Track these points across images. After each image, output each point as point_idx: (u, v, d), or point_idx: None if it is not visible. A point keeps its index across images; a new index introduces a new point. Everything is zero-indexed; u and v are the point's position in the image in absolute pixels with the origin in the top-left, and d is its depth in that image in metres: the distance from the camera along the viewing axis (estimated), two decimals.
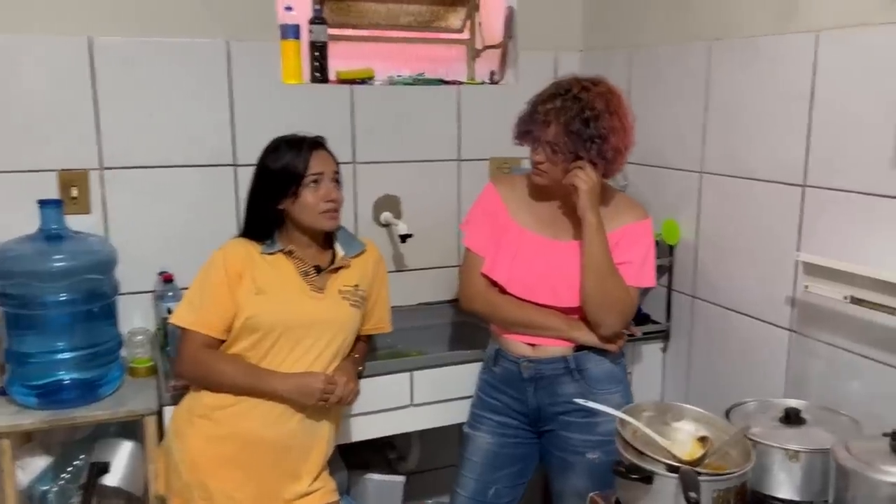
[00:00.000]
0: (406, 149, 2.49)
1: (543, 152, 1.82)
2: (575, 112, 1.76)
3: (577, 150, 1.77)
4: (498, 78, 2.63)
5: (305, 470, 1.75)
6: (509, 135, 2.56)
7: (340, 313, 1.79)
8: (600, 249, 1.79)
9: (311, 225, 1.77)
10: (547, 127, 1.79)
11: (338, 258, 1.83)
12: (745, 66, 1.97)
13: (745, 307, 2.03)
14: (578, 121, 1.76)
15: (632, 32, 2.41)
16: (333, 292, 1.80)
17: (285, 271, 1.77)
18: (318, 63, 2.37)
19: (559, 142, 1.78)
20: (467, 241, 1.97)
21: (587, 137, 1.76)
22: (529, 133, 1.84)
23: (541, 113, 1.80)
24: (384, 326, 1.97)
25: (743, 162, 2.00)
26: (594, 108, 1.77)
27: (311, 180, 1.73)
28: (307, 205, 1.74)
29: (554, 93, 1.82)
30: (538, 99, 1.85)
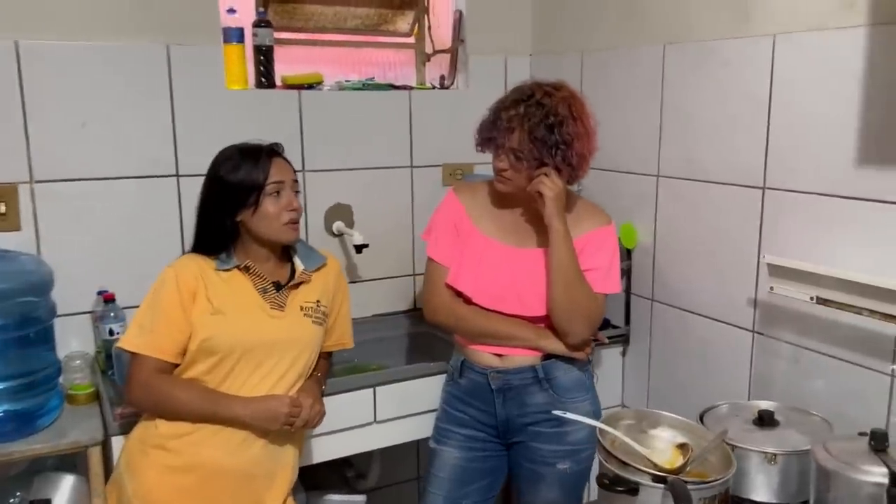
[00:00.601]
0: (357, 156, 2.42)
1: (507, 159, 1.78)
2: (539, 118, 1.73)
3: (541, 157, 1.74)
4: (448, 83, 2.59)
5: (270, 497, 1.66)
6: (461, 140, 2.53)
7: (303, 331, 1.70)
8: (568, 257, 1.77)
9: (271, 237, 1.67)
10: (510, 133, 1.75)
11: (298, 273, 1.74)
12: (699, 69, 1.99)
13: (706, 309, 2.04)
14: (543, 127, 1.73)
15: (582, 36, 2.40)
16: (294, 309, 1.71)
17: (242, 288, 1.67)
18: (263, 68, 2.28)
19: (523, 148, 1.74)
20: (430, 251, 1.91)
21: (552, 144, 1.73)
22: (492, 140, 1.80)
23: (504, 119, 1.77)
24: (346, 342, 1.89)
25: (700, 165, 2.01)
26: (558, 114, 1.74)
27: (272, 190, 1.64)
28: (268, 215, 1.64)
29: (516, 98, 1.78)
30: (500, 105, 1.81)
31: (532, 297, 1.83)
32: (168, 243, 2.14)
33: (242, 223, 1.66)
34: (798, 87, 1.73)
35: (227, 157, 1.67)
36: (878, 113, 1.57)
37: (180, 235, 2.16)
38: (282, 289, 1.70)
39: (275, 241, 1.68)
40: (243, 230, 1.67)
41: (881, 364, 1.61)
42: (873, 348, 1.62)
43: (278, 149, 1.71)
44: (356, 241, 2.28)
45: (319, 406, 1.68)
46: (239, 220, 1.65)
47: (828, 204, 1.68)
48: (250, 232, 1.67)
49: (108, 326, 2.00)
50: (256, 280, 1.68)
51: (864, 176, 1.61)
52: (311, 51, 2.46)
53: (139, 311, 1.64)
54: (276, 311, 1.68)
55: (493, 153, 1.82)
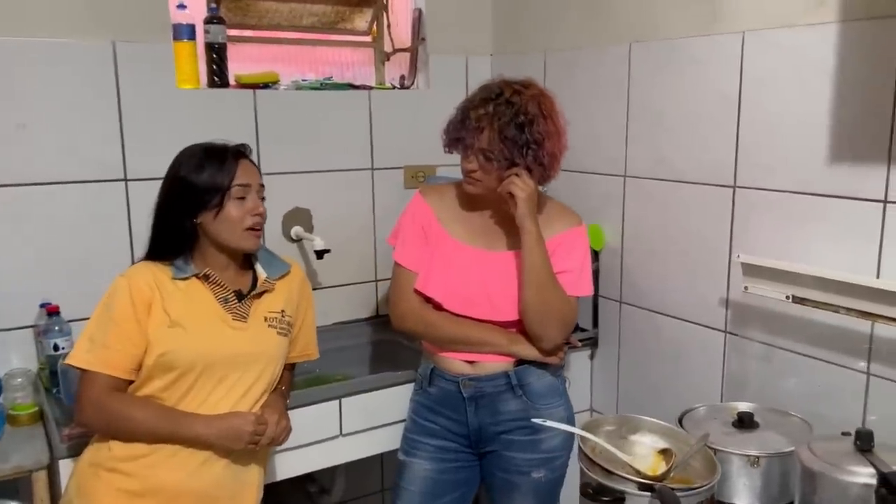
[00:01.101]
0: (315, 158, 2.33)
1: (476, 160, 1.72)
2: (509, 117, 1.68)
3: (512, 157, 1.69)
4: (408, 82, 2.52)
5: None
6: (423, 142, 2.48)
7: (268, 343, 1.61)
8: (541, 260, 1.72)
9: (231, 243, 1.57)
10: (480, 133, 1.70)
11: (260, 281, 1.64)
12: (666, 67, 1.96)
13: (676, 310, 2.02)
14: (513, 126, 1.68)
15: (545, 36, 2.37)
16: (258, 320, 1.61)
17: (202, 299, 1.56)
18: (216, 66, 2.17)
19: (493, 148, 1.69)
20: (397, 255, 1.84)
21: (522, 143, 1.68)
22: (461, 140, 1.74)
23: (472, 119, 1.71)
24: (311, 353, 1.80)
25: (669, 164, 1.99)
26: (528, 112, 1.69)
27: (237, 193, 1.54)
28: (231, 219, 1.54)
29: (485, 97, 1.73)
30: (468, 104, 1.75)
31: (504, 302, 1.78)
32: (116, 252, 2.01)
33: (202, 226, 1.55)
34: (768, 85, 1.72)
35: (191, 155, 1.56)
36: (849, 109, 1.57)
37: (129, 244, 2.04)
38: (244, 298, 1.61)
39: (234, 247, 1.58)
40: (202, 234, 1.56)
41: (857, 362, 1.60)
42: (849, 346, 1.61)
43: (245, 150, 1.61)
44: (317, 246, 2.19)
45: (285, 422, 1.59)
46: (198, 223, 1.54)
47: (800, 202, 1.67)
48: (209, 236, 1.56)
49: (52, 341, 1.87)
50: (216, 289, 1.58)
51: (836, 173, 1.60)
52: (265, 49, 2.37)
53: (89, 325, 1.51)
54: (239, 322, 1.58)
55: (461, 154, 1.76)
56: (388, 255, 2.46)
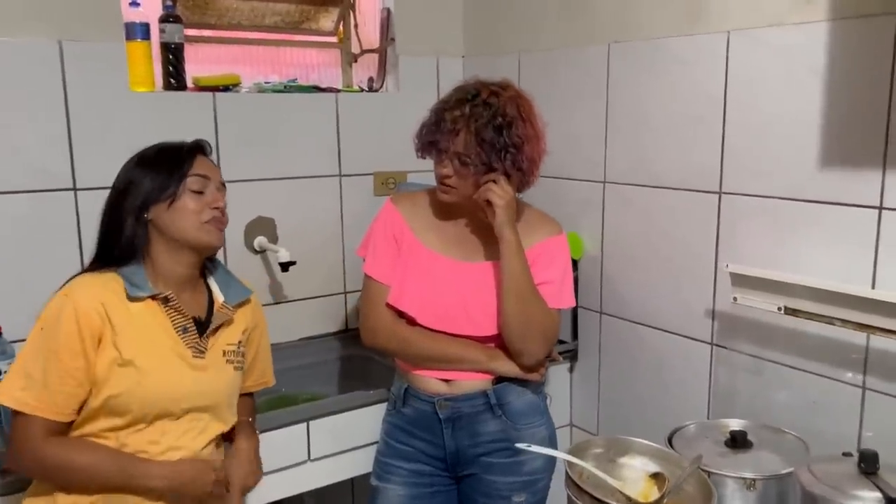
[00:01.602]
0: (280, 164, 2.21)
1: (451, 165, 1.62)
2: (486, 119, 1.59)
3: (489, 161, 1.59)
4: (377, 85, 2.41)
5: None
6: (393, 147, 2.38)
7: (227, 381, 1.47)
8: (521, 270, 1.62)
9: (188, 238, 1.39)
10: (455, 136, 1.60)
11: (218, 307, 1.48)
12: (648, 68, 1.89)
13: (660, 321, 1.94)
14: (491, 128, 1.58)
15: (520, 36, 2.28)
16: (217, 355, 1.46)
17: (158, 327, 1.38)
18: (172, 67, 2.04)
19: (470, 152, 1.59)
20: (368, 268, 1.73)
21: (501, 147, 1.59)
22: (434, 144, 1.64)
23: (448, 121, 1.61)
24: (268, 380, 1.67)
25: (651, 169, 1.91)
26: (506, 114, 1.60)
27: (194, 184, 1.40)
28: (187, 211, 1.38)
29: (461, 98, 1.63)
30: (443, 105, 1.65)
31: (482, 316, 1.68)
32: (64, 266, 1.83)
33: (154, 223, 1.39)
34: (755, 86, 1.65)
35: (144, 151, 1.43)
36: (840, 111, 1.50)
37: (79, 258, 1.90)
38: (205, 330, 1.45)
39: (192, 242, 1.40)
40: (155, 234, 1.40)
41: (852, 376, 1.53)
42: (843, 359, 1.54)
43: (204, 145, 1.48)
44: (282, 258, 2.07)
45: (258, 473, 1.51)
46: (150, 219, 1.39)
47: (790, 208, 1.60)
48: (163, 232, 1.39)
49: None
50: (175, 317, 1.41)
51: (828, 177, 1.53)
52: (225, 50, 2.24)
53: (23, 354, 1.33)
54: (198, 358, 1.42)
55: (435, 159, 1.66)
56: (357, 267, 2.35)
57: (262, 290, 2.20)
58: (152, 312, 1.39)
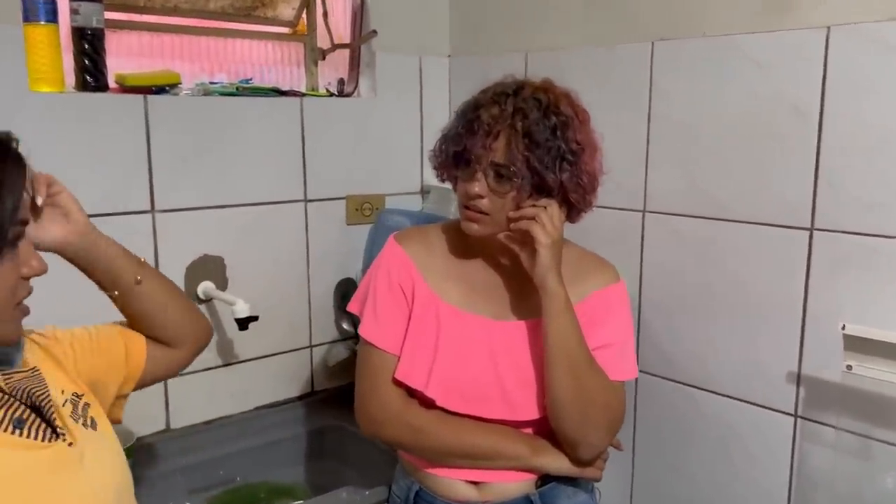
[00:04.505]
0: (229, 187, 1.73)
1: (485, 180, 1.20)
2: (537, 116, 1.18)
3: (540, 174, 1.18)
4: (349, 88, 1.96)
5: None
6: (369, 164, 1.94)
7: (109, 458, 0.96)
8: (571, 332, 1.21)
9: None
10: (494, 140, 1.18)
11: (2, 384, 0.87)
12: (708, 72, 1.52)
13: (721, 385, 1.56)
14: (543, 128, 1.17)
15: (527, 30, 1.88)
16: (72, 426, 0.91)
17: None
18: (89, 61, 1.54)
19: (513, 161, 1.17)
20: (367, 331, 1.29)
21: (556, 153, 1.18)
22: (463, 154, 1.21)
23: (484, 121, 1.19)
24: (139, 341, 1.11)
25: (709, 197, 1.54)
26: (561, 112, 1.20)
27: (16, 234, 0.84)
28: (5, 288, 0.84)
29: (501, 92, 1.22)
30: (476, 102, 1.23)
31: (521, 394, 1.26)
32: None
33: None
34: (863, 96, 1.30)
35: None
36: None
37: None
38: (44, 408, 0.88)
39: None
40: None
41: None
42: None
43: (12, 141, 0.87)
44: (239, 312, 1.58)
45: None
46: None
47: None
48: None
49: None
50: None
51: None
52: (159, 40, 1.74)
53: None
54: (70, 445, 0.89)
55: (461, 176, 1.24)
56: (326, 313, 1.92)
57: (207, 350, 1.70)
58: None
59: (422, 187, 2.04)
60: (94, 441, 0.93)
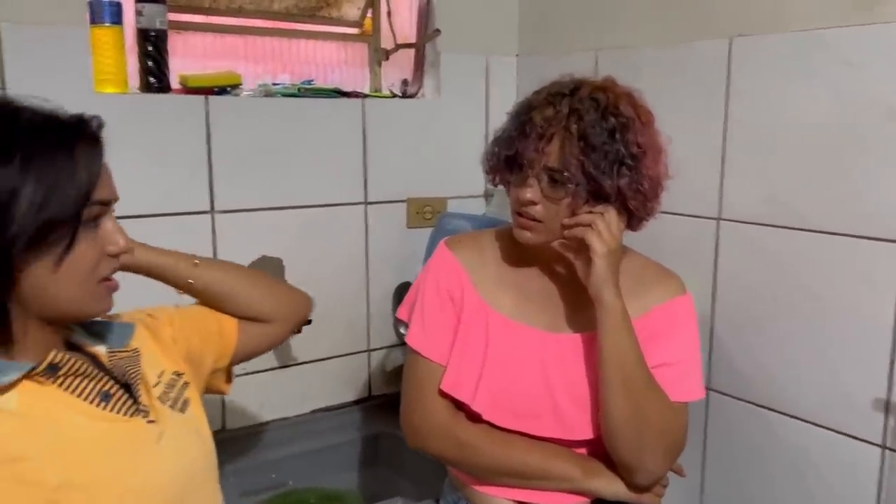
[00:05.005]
0: (289, 189, 1.72)
1: (538, 186, 1.13)
2: (594, 117, 1.11)
3: (597, 179, 1.10)
4: (412, 89, 1.93)
5: None
6: (432, 166, 1.89)
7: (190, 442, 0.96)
8: (628, 348, 1.13)
9: (71, 311, 0.87)
10: (547, 143, 1.12)
11: (106, 360, 0.93)
12: (792, 71, 1.40)
13: (800, 409, 1.44)
14: (601, 130, 1.10)
15: (598, 29, 1.79)
16: (158, 407, 0.94)
17: (63, 414, 0.84)
18: (152, 62, 1.56)
19: (568, 165, 1.10)
20: (414, 339, 1.24)
21: (614, 157, 1.10)
22: (516, 158, 1.15)
23: (537, 123, 1.12)
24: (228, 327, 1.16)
25: (787, 205, 1.43)
26: (620, 113, 1.13)
27: (93, 214, 0.85)
28: (81, 269, 0.84)
29: (556, 93, 1.16)
30: (529, 104, 1.17)
31: (575, 412, 1.19)
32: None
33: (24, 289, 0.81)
34: None
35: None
36: None
37: None
38: (133, 386, 0.92)
39: (72, 315, 0.89)
40: (14, 307, 0.82)
41: None
42: None
43: (96, 126, 0.88)
44: None
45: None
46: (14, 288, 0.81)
47: None
48: (35, 303, 0.83)
49: None
50: (83, 384, 0.87)
51: None
52: (222, 41, 1.75)
53: None
54: (152, 423, 0.91)
55: (514, 181, 1.17)
56: (384, 317, 1.88)
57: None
58: (41, 398, 0.83)
59: (485, 191, 1.99)
60: (177, 423, 0.95)
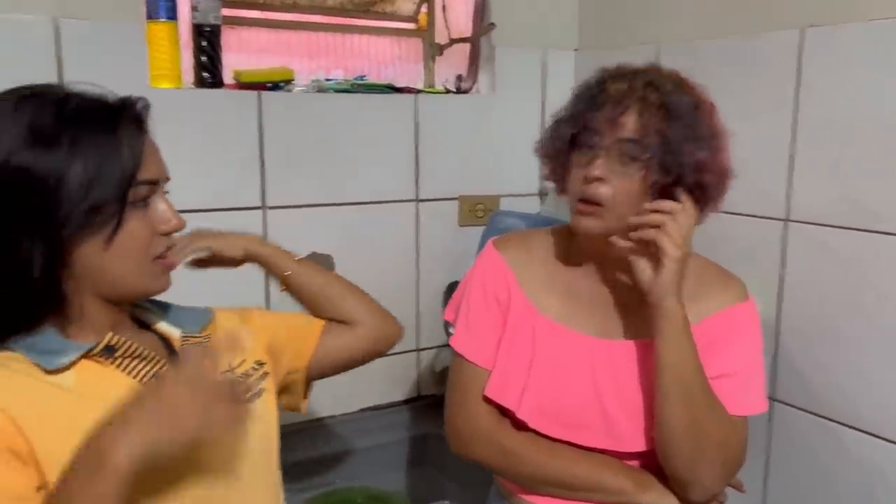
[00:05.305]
0: (340, 185, 1.71)
1: (609, 163, 1.06)
2: (672, 88, 1.06)
3: (675, 153, 1.03)
4: (467, 84, 1.89)
5: None
6: (485, 163, 1.85)
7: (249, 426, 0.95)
8: (688, 359, 1.06)
9: (130, 286, 0.88)
10: (622, 114, 1.04)
11: (177, 343, 0.95)
12: (870, 63, 1.31)
13: (878, 425, 1.35)
14: (683, 105, 1.04)
15: (660, 21, 1.73)
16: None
17: (115, 394, 0.80)
18: (206, 57, 1.57)
19: (647, 137, 1.04)
20: (459, 342, 1.21)
21: (695, 132, 1.04)
22: (583, 135, 1.09)
23: (611, 93, 1.06)
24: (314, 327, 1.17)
25: (866, 206, 1.33)
26: (696, 95, 1.07)
27: (142, 193, 0.86)
28: (134, 245, 0.86)
29: (625, 71, 1.10)
30: (596, 80, 1.11)
31: (627, 422, 1.13)
32: None
33: (75, 267, 0.83)
34: None
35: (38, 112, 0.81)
36: None
37: None
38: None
39: (129, 293, 0.90)
40: (70, 283, 0.84)
41: None
42: None
43: (141, 107, 0.89)
44: None
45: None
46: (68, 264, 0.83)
47: None
48: (87, 280, 0.85)
49: None
50: (136, 366, 0.88)
51: None
52: (275, 36, 1.75)
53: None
54: None
55: (575, 163, 1.11)
56: (433, 316, 1.85)
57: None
58: (97, 378, 0.85)
59: (540, 189, 1.93)
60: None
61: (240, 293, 1.21)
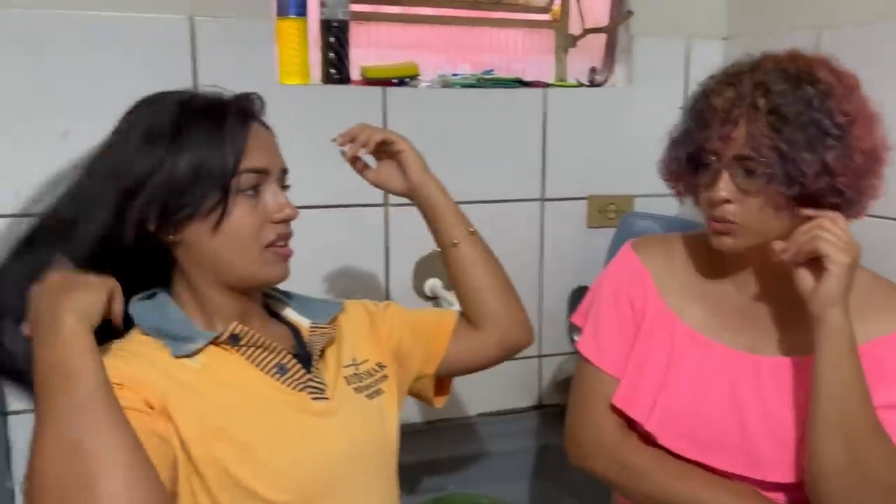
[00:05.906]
0: (464, 182, 1.62)
1: (731, 182, 0.96)
2: (786, 87, 0.94)
3: (793, 159, 0.92)
4: (601, 77, 1.79)
5: None
6: (617, 161, 1.74)
7: (367, 423, 0.97)
8: (854, 384, 0.93)
9: (241, 273, 0.90)
10: (732, 128, 0.95)
11: (306, 333, 0.99)
12: None
13: None
14: (794, 99, 0.93)
15: (821, 4, 1.55)
16: (341, 388, 0.97)
17: (244, 383, 0.89)
18: (334, 54, 1.56)
19: (760, 149, 0.93)
20: (586, 346, 1.13)
21: (817, 129, 0.92)
22: (699, 155, 0.99)
23: (717, 107, 0.97)
24: (449, 319, 1.16)
25: None
26: (817, 80, 0.94)
27: (248, 183, 0.89)
28: (241, 231, 0.88)
29: (736, 72, 1.00)
30: (701, 92, 1.02)
31: (772, 448, 1.01)
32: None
33: (183, 252, 0.90)
34: None
35: (158, 112, 0.89)
36: None
37: None
38: (309, 362, 0.95)
39: (246, 280, 0.92)
40: (185, 262, 0.91)
41: None
42: None
43: (256, 107, 0.94)
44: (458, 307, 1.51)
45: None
46: (172, 242, 0.89)
47: None
48: (200, 267, 0.90)
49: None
50: (260, 355, 0.91)
51: None
52: (401, 31, 1.72)
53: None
54: (321, 400, 0.93)
55: (700, 183, 1.02)
56: (558, 322, 1.76)
57: None
58: (223, 365, 0.90)
59: None
60: (358, 407, 0.97)
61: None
